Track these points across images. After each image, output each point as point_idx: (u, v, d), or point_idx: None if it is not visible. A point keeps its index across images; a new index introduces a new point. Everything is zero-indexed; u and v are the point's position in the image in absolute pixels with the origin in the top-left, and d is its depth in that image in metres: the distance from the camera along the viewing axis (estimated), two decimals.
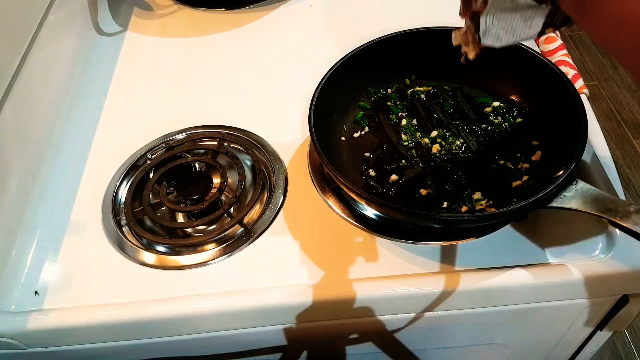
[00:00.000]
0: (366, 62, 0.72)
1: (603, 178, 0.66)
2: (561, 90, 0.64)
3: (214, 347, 0.66)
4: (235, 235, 0.66)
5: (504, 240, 0.62)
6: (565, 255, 0.60)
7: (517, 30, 0.50)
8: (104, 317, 0.59)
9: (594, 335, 0.71)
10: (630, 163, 1.85)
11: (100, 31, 0.96)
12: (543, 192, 0.54)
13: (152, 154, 0.75)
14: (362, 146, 0.70)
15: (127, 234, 0.67)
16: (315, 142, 0.62)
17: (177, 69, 0.90)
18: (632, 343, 1.43)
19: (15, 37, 0.70)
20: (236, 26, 0.96)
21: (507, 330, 0.69)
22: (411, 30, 0.72)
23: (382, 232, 0.61)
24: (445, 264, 0.60)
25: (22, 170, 0.69)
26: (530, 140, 0.66)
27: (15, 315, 0.60)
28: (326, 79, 0.68)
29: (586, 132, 0.58)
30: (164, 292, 0.61)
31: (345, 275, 0.60)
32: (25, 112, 0.71)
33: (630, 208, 0.51)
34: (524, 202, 0.54)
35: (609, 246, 0.60)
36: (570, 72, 0.78)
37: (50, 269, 0.65)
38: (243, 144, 0.75)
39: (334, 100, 0.70)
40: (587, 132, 0.59)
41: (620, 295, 0.63)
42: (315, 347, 0.70)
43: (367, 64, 0.72)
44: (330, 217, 0.65)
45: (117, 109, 0.84)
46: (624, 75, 2.14)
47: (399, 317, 0.63)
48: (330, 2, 0.98)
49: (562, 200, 0.55)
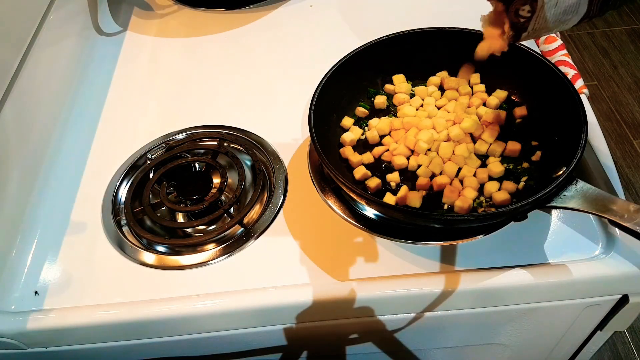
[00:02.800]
0: (366, 63, 0.72)
1: (603, 178, 0.66)
2: (561, 90, 0.64)
3: (214, 347, 0.66)
4: (235, 235, 0.66)
5: (504, 240, 0.62)
6: (565, 255, 0.60)
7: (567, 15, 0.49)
8: (104, 317, 0.59)
9: (594, 335, 0.71)
10: (630, 163, 1.85)
11: (100, 31, 0.96)
12: (543, 192, 0.54)
13: (152, 154, 0.75)
14: (363, 146, 0.70)
15: (127, 234, 0.67)
16: (316, 142, 0.62)
17: (177, 69, 0.90)
18: (632, 343, 1.43)
19: (15, 37, 0.70)
20: (236, 26, 0.96)
21: (507, 330, 0.69)
22: (412, 31, 0.72)
23: (382, 232, 0.61)
24: (445, 264, 0.60)
25: (22, 170, 0.69)
26: (530, 141, 0.66)
27: (15, 315, 0.60)
28: (326, 79, 0.68)
29: (586, 132, 0.59)
30: (164, 292, 0.61)
31: (345, 276, 0.60)
32: (25, 112, 0.71)
33: (630, 207, 0.52)
34: (524, 202, 0.54)
35: (609, 246, 0.60)
36: (570, 72, 0.78)
37: (50, 269, 0.65)
38: (243, 144, 0.75)
39: (334, 101, 0.70)
40: (587, 132, 0.59)
41: (620, 295, 0.63)
42: (315, 347, 0.70)
43: (367, 64, 0.72)
44: (330, 217, 0.65)
45: (117, 109, 0.84)
46: (624, 75, 2.14)
47: (399, 317, 0.63)
48: (330, 2, 0.98)
49: (563, 199, 0.55)
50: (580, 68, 2.16)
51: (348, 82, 0.71)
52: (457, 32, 0.71)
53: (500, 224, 0.59)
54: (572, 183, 0.56)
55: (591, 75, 2.15)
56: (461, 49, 0.64)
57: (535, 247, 0.61)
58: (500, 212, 0.56)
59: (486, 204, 0.61)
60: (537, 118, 0.68)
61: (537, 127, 0.67)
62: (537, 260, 0.60)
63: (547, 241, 0.62)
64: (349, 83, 0.72)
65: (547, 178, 0.58)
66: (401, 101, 0.72)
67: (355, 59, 0.71)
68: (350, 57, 0.70)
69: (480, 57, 0.56)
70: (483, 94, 0.71)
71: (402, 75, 0.74)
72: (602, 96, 2.07)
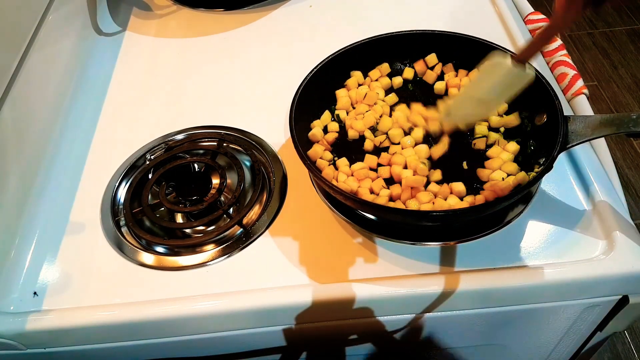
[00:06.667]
0: (352, 62, 0.74)
1: (603, 178, 0.66)
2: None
3: (213, 348, 0.66)
4: (235, 236, 0.66)
5: (503, 240, 0.62)
6: (565, 256, 0.60)
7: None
8: (103, 318, 0.59)
9: (594, 336, 0.71)
10: (630, 163, 1.85)
11: (99, 31, 0.96)
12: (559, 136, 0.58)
13: (152, 155, 0.75)
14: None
15: (126, 234, 0.67)
16: (295, 137, 0.62)
17: (177, 69, 0.90)
18: (631, 344, 1.43)
19: (14, 37, 0.70)
20: (235, 27, 0.96)
21: (507, 331, 0.69)
22: (401, 33, 0.74)
23: (381, 233, 0.61)
24: (444, 264, 0.60)
25: (21, 170, 0.68)
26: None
27: (14, 316, 0.60)
28: (310, 76, 0.69)
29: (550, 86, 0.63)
30: (163, 292, 0.61)
31: (344, 276, 0.60)
32: (24, 113, 0.71)
33: (633, 116, 0.56)
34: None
35: (609, 247, 0.60)
36: (570, 72, 0.78)
37: (49, 269, 0.65)
38: (242, 144, 0.75)
39: (320, 98, 0.72)
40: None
41: (620, 296, 0.62)
42: (315, 348, 0.70)
43: (352, 64, 0.74)
44: (329, 218, 0.65)
45: (116, 109, 0.84)
46: (624, 75, 2.14)
47: (399, 318, 0.63)
48: (329, 3, 0.98)
49: (575, 137, 0.59)
50: (580, 68, 2.15)
51: (330, 80, 0.72)
52: (448, 36, 0.73)
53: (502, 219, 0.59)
54: (567, 123, 0.60)
55: (591, 76, 2.15)
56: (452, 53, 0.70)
57: (535, 247, 0.61)
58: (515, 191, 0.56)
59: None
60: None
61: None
62: (536, 261, 0.60)
63: (547, 241, 0.61)
64: (330, 82, 0.73)
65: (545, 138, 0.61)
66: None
67: (339, 59, 0.72)
68: (334, 58, 0.72)
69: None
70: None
71: (377, 71, 0.75)
72: (602, 96, 2.07)
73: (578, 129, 0.59)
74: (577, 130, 0.59)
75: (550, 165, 0.56)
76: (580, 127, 0.59)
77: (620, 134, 0.57)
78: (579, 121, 0.60)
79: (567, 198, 0.65)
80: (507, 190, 0.58)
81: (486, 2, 0.93)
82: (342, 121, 0.71)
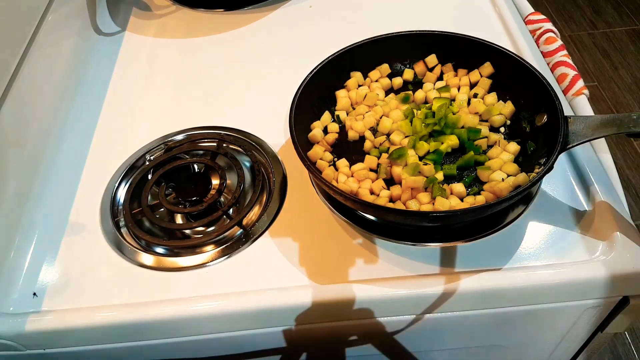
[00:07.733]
0: (350, 63, 0.73)
1: (603, 178, 0.66)
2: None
3: (213, 349, 0.66)
4: (234, 237, 0.66)
5: (504, 241, 0.61)
6: (566, 257, 0.60)
7: None
8: (103, 319, 0.59)
9: (594, 336, 0.71)
10: (631, 164, 1.85)
11: (98, 31, 0.96)
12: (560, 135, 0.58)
13: (151, 155, 0.75)
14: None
15: (126, 235, 0.67)
16: (294, 137, 0.62)
17: (176, 70, 0.90)
18: (632, 344, 1.42)
19: (14, 37, 0.70)
20: (235, 27, 0.96)
21: (507, 332, 0.69)
22: (401, 33, 0.73)
23: (381, 234, 0.61)
24: (445, 265, 0.60)
25: (20, 171, 0.68)
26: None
27: (13, 317, 0.59)
28: (311, 76, 0.69)
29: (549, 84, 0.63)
30: (163, 293, 0.61)
31: (344, 277, 0.60)
32: (23, 113, 0.71)
33: (633, 116, 0.56)
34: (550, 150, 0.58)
35: (609, 248, 0.60)
36: (571, 72, 0.78)
37: (48, 270, 0.64)
38: (242, 145, 0.75)
39: (320, 97, 0.71)
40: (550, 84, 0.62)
41: (620, 297, 0.62)
42: (315, 349, 0.70)
43: (351, 65, 0.74)
44: (329, 219, 0.65)
45: (116, 110, 0.84)
46: (624, 76, 2.14)
47: (399, 318, 0.63)
48: (329, 3, 0.98)
49: (575, 137, 0.59)
50: (581, 69, 2.16)
51: (329, 80, 0.72)
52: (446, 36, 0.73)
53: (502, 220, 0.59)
54: (568, 123, 0.60)
55: (591, 76, 2.15)
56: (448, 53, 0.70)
57: (535, 248, 0.61)
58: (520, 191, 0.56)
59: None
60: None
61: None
62: (537, 262, 0.60)
63: (547, 242, 0.61)
64: (330, 82, 0.73)
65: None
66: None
67: (339, 59, 0.72)
68: (333, 58, 0.72)
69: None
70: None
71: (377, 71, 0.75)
72: (602, 97, 2.07)
73: (578, 130, 0.59)
74: (578, 130, 0.59)
75: (550, 166, 0.56)
76: (581, 128, 0.59)
77: (621, 135, 0.57)
78: (579, 122, 0.60)
79: (568, 199, 0.65)
80: (507, 191, 0.58)
81: (486, 2, 0.94)
82: (342, 122, 0.71)
